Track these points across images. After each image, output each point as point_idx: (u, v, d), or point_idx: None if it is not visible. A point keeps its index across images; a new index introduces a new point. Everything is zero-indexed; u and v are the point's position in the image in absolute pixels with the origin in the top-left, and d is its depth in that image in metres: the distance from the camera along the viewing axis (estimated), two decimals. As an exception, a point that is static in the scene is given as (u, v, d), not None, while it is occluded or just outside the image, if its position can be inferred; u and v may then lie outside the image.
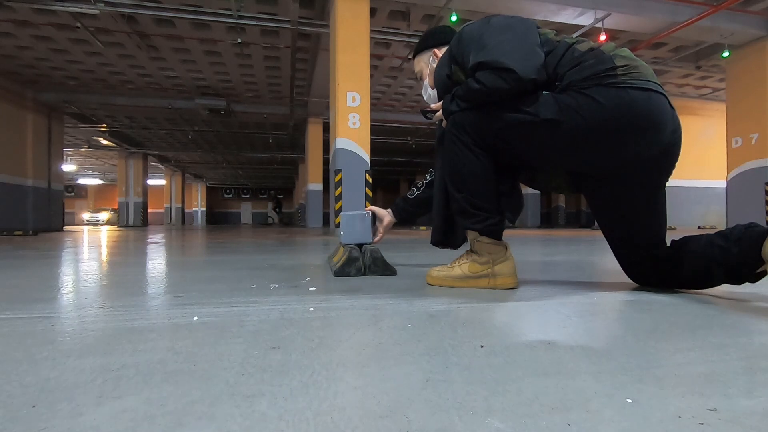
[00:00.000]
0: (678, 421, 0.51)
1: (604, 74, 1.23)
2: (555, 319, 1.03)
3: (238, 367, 0.70)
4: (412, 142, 16.80)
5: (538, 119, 1.27)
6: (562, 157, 1.36)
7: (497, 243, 1.45)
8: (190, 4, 7.01)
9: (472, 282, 1.47)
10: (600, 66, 1.24)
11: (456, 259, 1.54)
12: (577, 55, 1.28)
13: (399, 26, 7.71)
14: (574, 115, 1.24)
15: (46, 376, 0.66)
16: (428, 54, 1.72)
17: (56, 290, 1.51)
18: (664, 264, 1.39)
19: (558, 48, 1.32)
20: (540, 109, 1.27)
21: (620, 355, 0.76)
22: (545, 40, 1.35)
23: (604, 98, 1.21)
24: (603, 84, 1.22)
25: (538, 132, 1.30)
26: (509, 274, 1.45)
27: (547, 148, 1.34)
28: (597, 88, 1.23)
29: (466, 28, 1.42)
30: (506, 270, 1.45)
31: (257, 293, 1.40)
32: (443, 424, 0.50)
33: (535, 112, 1.28)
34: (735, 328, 0.95)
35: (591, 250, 3.51)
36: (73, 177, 28.67)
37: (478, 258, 1.46)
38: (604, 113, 1.22)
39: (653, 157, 1.29)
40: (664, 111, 1.24)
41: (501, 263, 1.45)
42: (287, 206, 36.29)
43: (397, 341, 0.84)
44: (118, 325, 0.97)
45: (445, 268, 1.54)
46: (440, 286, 1.51)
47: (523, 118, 1.30)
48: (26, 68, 9.79)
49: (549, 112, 1.26)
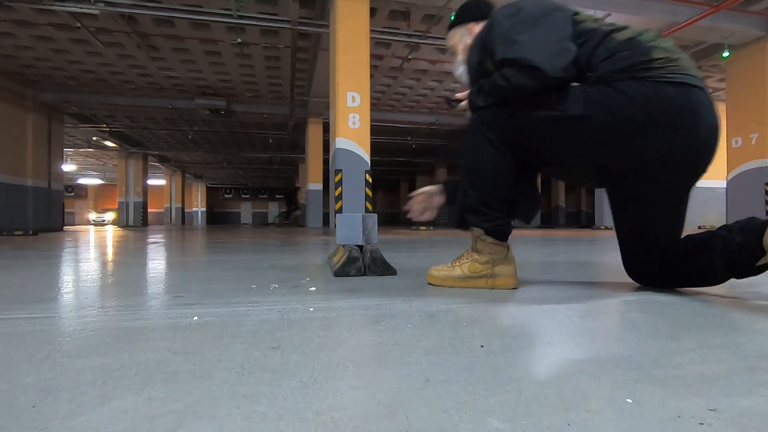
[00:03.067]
0: (678, 421, 0.51)
1: (639, 67, 1.17)
2: (555, 320, 1.03)
3: (238, 367, 0.70)
4: (412, 142, 16.79)
5: (566, 116, 1.24)
6: (588, 153, 1.32)
7: (500, 244, 1.44)
8: (190, 4, 7.01)
9: (472, 282, 1.46)
10: (635, 58, 1.18)
11: (456, 258, 1.53)
12: (613, 46, 1.22)
13: (399, 26, 7.71)
14: (602, 110, 1.20)
15: (46, 376, 0.66)
16: (463, 29, 1.63)
17: (56, 290, 1.51)
18: (671, 263, 1.38)
19: (594, 36, 1.26)
20: (568, 105, 1.23)
21: (620, 355, 0.76)
22: (582, 30, 1.28)
23: (635, 92, 1.16)
24: (637, 77, 1.17)
25: (565, 128, 1.27)
26: (509, 275, 1.44)
27: (573, 144, 1.30)
28: (629, 82, 1.18)
29: (498, 16, 1.36)
30: (506, 271, 1.44)
31: (257, 293, 1.40)
32: (443, 424, 0.50)
33: (562, 108, 1.24)
34: (735, 328, 0.95)
35: (591, 250, 3.50)
36: (73, 177, 28.66)
37: (479, 258, 1.45)
38: (633, 108, 1.17)
39: (686, 155, 1.24)
40: (700, 107, 1.18)
41: (501, 264, 1.44)
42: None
43: (397, 341, 0.84)
44: (118, 325, 0.97)
45: (445, 267, 1.53)
46: (440, 286, 1.51)
47: (550, 115, 1.26)
48: (26, 68, 9.79)
49: (576, 108, 1.22)
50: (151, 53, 9.00)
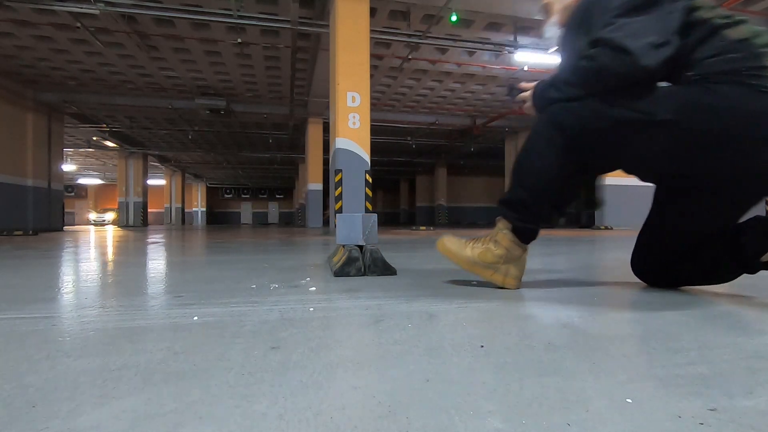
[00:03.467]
0: (678, 421, 0.51)
1: (747, 72, 1.05)
2: (555, 319, 1.03)
3: (238, 367, 0.70)
4: (412, 142, 16.80)
5: (653, 120, 1.11)
6: (667, 162, 1.19)
7: (519, 244, 1.39)
8: (190, 4, 7.00)
9: (477, 269, 1.42)
10: (744, 62, 1.06)
11: (474, 239, 1.47)
12: (722, 44, 1.09)
13: (399, 26, 7.71)
14: (694, 115, 1.08)
15: (46, 376, 0.66)
16: None
17: (56, 290, 1.51)
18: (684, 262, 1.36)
19: (702, 30, 1.13)
20: (657, 107, 1.11)
21: (620, 355, 0.76)
22: (692, 20, 1.14)
23: (739, 100, 1.04)
24: (743, 83, 1.05)
25: (648, 134, 1.14)
26: (515, 276, 1.41)
27: (654, 152, 1.17)
28: (731, 86, 1.06)
29: None
30: (514, 272, 1.41)
31: (257, 293, 1.40)
32: (443, 424, 0.50)
33: (650, 110, 1.11)
34: (735, 328, 0.95)
35: (591, 250, 3.50)
36: (73, 177, 28.66)
37: (494, 249, 1.40)
38: (735, 119, 1.05)
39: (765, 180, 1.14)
40: None
41: (512, 263, 1.40)
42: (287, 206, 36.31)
43: (397, 341, 0.84)
44: (118, 325, 0.97)
45: (459, 243, 1.46)
46: (444, 256, 1.48)
47: (634, 117, 1.13)
48: (26, 68, 9.79)
49: (666, 112, 1.10)
50: (151, 53, 9.00)
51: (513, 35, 7.98)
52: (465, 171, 24.46)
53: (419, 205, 25.10)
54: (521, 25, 7.85)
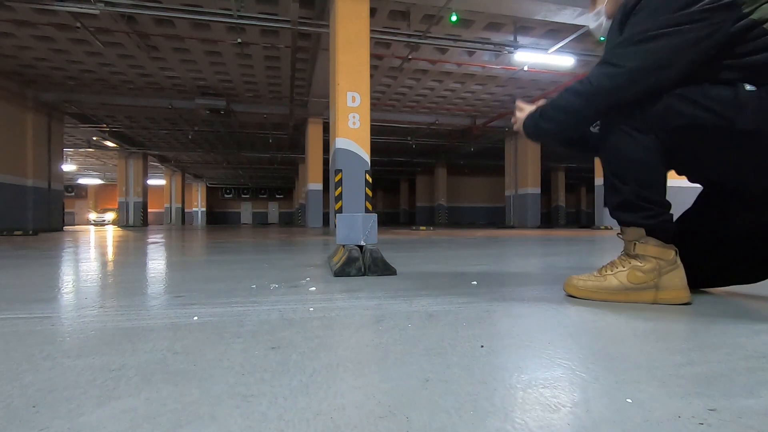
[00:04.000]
0: (678, 421, 0.51)
1: None
2: (555, 319, 1.03)
3: (238, 367, 0.70)
4: (412, 142, 16.80)
5: (734, 129, 1.01)
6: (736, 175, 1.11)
7: (666, 246, 1.19)
8: (190, 4, 7.00)
9: (633, 295, 1.21)
10: None
11: (605, 266, 1.27)
12: None
13: (399, 26, 7.71)
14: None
15: (46, 376, 0.66)
16: None
17: (56, 290, 1.51)
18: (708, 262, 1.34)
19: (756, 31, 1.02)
20: (738, 114, 1.01)
21: (620, 355, 0.76)
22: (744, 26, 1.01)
23: None
24: None
25: (725, 142, 1.05)
26: (680, 286, 1.18)
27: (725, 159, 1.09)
28: None
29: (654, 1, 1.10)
30: (676, 281, 1.18)
31: (257, 293, 1.40)
32: (443, 424, 0.50)
33: (731, 117, 1.02)
34: (735, 328, 0.94)
35: (591, 251, 3.50)
36: (73, 177, 28.66)
37: (641, 265, 1.20)
38: None
39: None
40: None
41: (670, 272, 1.18)
42: (287, 206, 36.31)
43: (397, 341, 0.84)
44: (118, 325, 0.97)
45: (593, 277, 1.27)
46: (586, 299, 1.26)
47: (713, 122, 1.04)
48: (26, 68, 9.79)
49: (748, 121, 1.00)
50: (151, 53, 8.99)
51: (513, 35, 7.98)
52: (465, 171, 24.45)
53: (419, 205, 25.10)
54: (521, 25, 7.85)
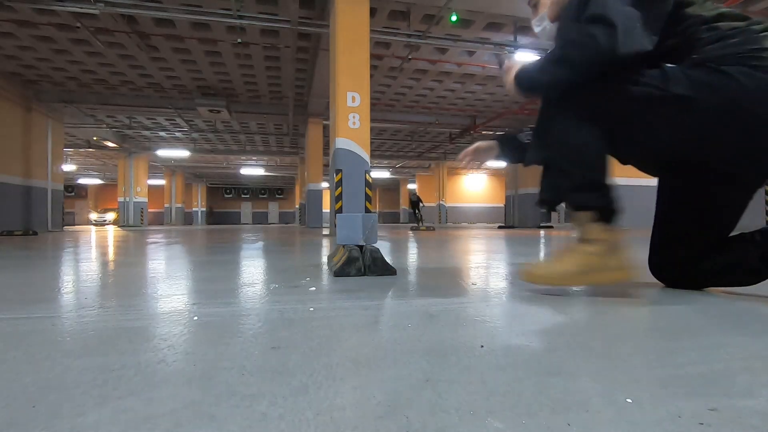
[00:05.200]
0: (678, 421, 0.51)
1: (749, 54, 1.09)
2: (556, 319, 1.03)
3: (238, 367, 0.70)
4: (413, 142, 16.79)
5: (668, 94, 1.12)
6: (681, 139, 1.19)
7: (614, 229, 1.27)
8: (190, 4, 7.00)
9: (587, 278, 1.29)
10: (746, 45, 1.10)
11: (559, 252, 1.37)
12: (718, 33, 1.14)
13: (399, 26, 7.70)
14: (709, 92, 1.10)
15: (46, 376, 0.66)
16: None
17: (56, 290, 1.51)
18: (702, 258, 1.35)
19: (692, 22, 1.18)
20: (669, 83, 1.12)
21: (620, 355, 0.76)
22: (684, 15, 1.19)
23: (745, 79, 1.07)
24: (747, 65, 1.08)
25: (664, 109, 1.15)
26: (627, 266, 1.28)
27: (669, 127, 1.18)
28: (738, 68, 1.08)
29: None
30: (623, 261, 1.28)
31: (257, 293, 1.40)
32: (443, 424, 0.50)
33: (663, 86, 1.13)
34: (735, 328, 0.94)
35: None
36: (73, 177, 28.66)
37: (591, 249, 1.28)
38: (742, 95, 1.07)
39: None
40: None
41: (617, 253, 1.27)
42: (287, 206, 36.30)
43: (397, 341, 0.84)
44: (118, 325, 0.97)
45: (548, 264, 1.35)
46: (545, 286, 1.35)
47: (649, 93, 1.14)
48: (27, 68, 9.79)
49: (680, 87, 1.11)
50: (151, 53, 8.99)
51: (513, 35, 7.98)
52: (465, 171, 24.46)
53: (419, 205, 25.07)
54: (521, 25, 7.85)
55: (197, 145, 18.74)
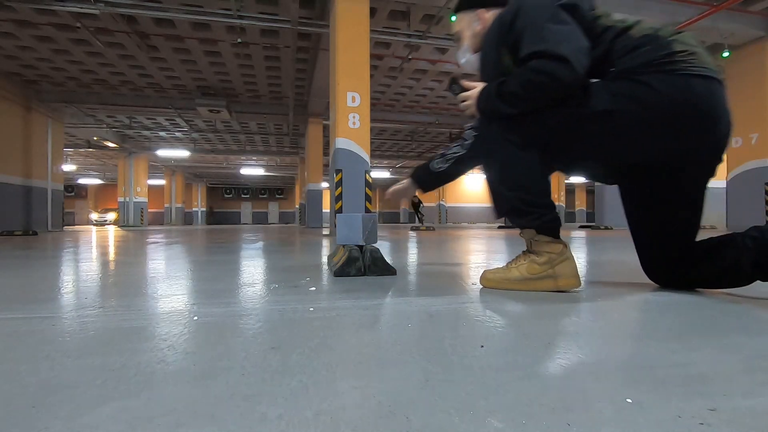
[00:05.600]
0: (678, 421, 0.51)
1: (662, 60, 1.17)
2: (555, 319, 1.03)
3: (238, 367, 0.70)
4: (413, 142, 16.79)
5: (592, 112, 1.21)
6: (614, 148, 1.29)
7: (555, 241, 1.38)
8: (190, 4, 7.00)
9: (532, 284, 1.39)
10: (657, 52, 1.18)
11: (512, 260, 1.47)
12: (631, 42, 1.22)
13: (399, 26, 7.70)
14: (628, 103, 1.18)
15: (46, 376, 0.66)
16: (471, 14, 1.55)
17: (56, 290, 1.51)
18: (692, 262, 1.36)
19: (610, 33, 1.25)
20: (593, 101, 1.21)
21: (620, 355, 0.76)
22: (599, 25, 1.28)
23: (660, 84, 1.15)
24: (662, 70, 1.16)
25: (591, 125, 1.24)
26: (571, 275, 1.37)
27: (599, 140, 1.27)
28: (654, 75, 1.16)
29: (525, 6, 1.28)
30: (568, 270, 1.37)
31: (257, 293, 1.40)
32: (443, 424, 0.50)
33: (587, 104, 1.22)
34: (735, 328, 0.94)
35: (591, 251, 3.50)
36: (73, 177, 28.67)
37: (537, 258, 1.39)
38: (661, 100, 1.16)
39: (706, 150, 1.23)
40: (722, 100, 1.19)
41: (561, 263, 1.37)
42: (287, 206, 36.31)
43: (397, 341, 0.84)
44: (118, 325, 0.97)
45: (500, 270, 1.46)
46: (496, 289, 1.44)
47: (575, 113, 1.24)
48: (27, 68, 9.79)
49: (602, 103, 1.20)
50: (151, 53, 8.99)
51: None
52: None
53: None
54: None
55: (197, 145, 18.74)
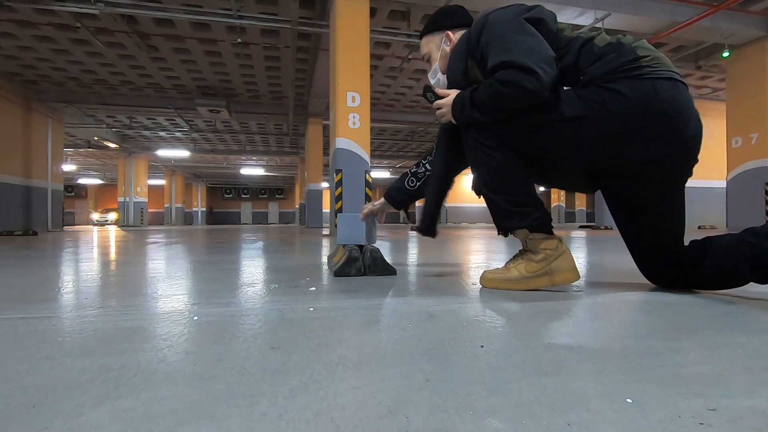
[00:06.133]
0: (678, 421, 0.51)
1: (629, 66, 1.21)
2: (555, 319, 1.03)
3: (238, 367, 0.70)
4: (412, 142, 16.80)
5: (564, 118, 1.25)
6: (588, 154, 1.32)
7: (550, 237, 1.40)
8: (190, 4, 7.00)
9: (532, 282, 1.40)
10: (623, 58, 1.22)
11: (510, 260, 1.48)
12: (597, 50, 1.26)
13: (399, 26, 7.71)
14: (599, 109, 1.22)
15: (46, 376, 0.66)
16: (440, 36, 1.62)
17: (56, 290, 1.51)
18: (685, 263, 1.36)
19: (575, 44, 1.30)
20: (564, 107, 1.25)
21: (620, 355, 0.76)
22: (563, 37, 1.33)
23: (629, 90, 1.19)
24: (629, 76, 1.20)
25: (563, 131, 1.28)
26: (569, 268, 1.39)
27: (573, 146, 1.31)
28: (622, 81, 1.21)
29: (491, 21, 1.34)
30: (565, 265, 1.39)
31: (257, 293, 1.40)
32: (443, 424, 0.50)
33: (559, 111, 1.26)
34: (735, 328, 0.94)
35: (592, 251, 3.50)
36: (73, 177, 28.67)
37: (534, 256, 1.40)
38: (631, 105, 1.19)
39: (678, 151, 1.26)
40: (689, 102, 1.23)
41: (558, 258, 1.39)
42: (287, 206, 36.30)
43: (397, 341, 0.84)
44: (118, 325, 0.97)
45: (500, 270, 1.47)
46: (496, 289, 1.45)
47: (547, 119, 1.28)
48: (27, 68, 9.79)
49: (573, 109, 1.24)
50: (151, 53, 8.99)
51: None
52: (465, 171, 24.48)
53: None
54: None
55: (197, 145, 18.74)
